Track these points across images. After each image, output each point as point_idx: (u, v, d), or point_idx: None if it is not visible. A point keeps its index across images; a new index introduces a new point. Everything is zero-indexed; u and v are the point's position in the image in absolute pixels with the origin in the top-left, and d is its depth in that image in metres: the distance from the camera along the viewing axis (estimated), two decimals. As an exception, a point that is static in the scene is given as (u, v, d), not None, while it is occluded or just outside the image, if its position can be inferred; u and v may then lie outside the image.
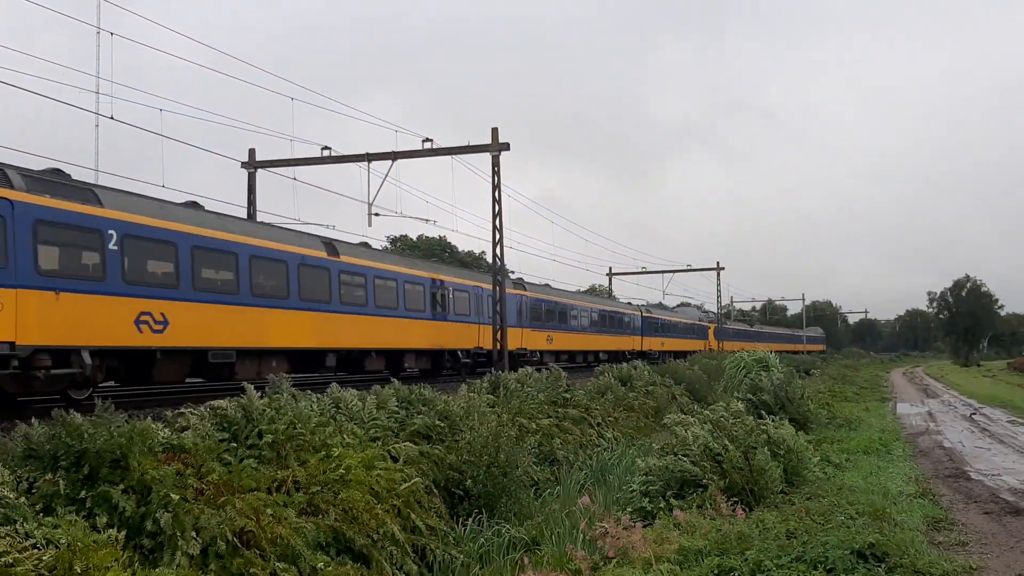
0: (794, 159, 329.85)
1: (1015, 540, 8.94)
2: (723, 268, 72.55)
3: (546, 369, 18.75)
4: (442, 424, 11.04)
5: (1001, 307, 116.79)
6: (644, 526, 8.35)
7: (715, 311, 77.67)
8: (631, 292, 65.12)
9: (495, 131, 29.65)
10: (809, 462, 12.20)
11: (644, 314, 54.36)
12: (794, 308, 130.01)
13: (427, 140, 30.19)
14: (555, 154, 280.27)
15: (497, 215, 30.01)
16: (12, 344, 12.81)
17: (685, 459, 10.27)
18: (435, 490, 9.69)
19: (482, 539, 9.13)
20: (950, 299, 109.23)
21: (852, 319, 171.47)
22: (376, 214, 30.24)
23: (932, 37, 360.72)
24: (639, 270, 69.95)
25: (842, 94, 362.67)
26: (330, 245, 22.70)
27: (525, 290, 36.08)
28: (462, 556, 8.51)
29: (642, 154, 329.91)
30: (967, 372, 68.88)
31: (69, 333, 13.97)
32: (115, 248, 15.01)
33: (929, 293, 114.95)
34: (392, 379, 13.39)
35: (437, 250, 71.86)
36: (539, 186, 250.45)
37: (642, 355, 47.06)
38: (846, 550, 7.03)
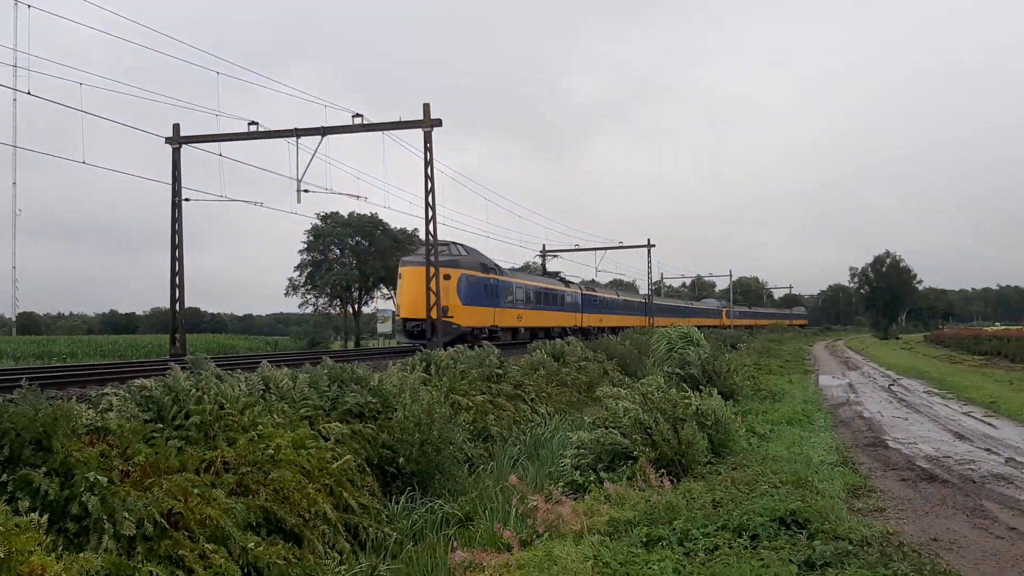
0: (713, 139, 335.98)
1: (930, 505, 9.33)
2: (654, 245, 73.46)
3: (488, 345, 18.88)
4: (375, 402, 10.98)
5: (920, 282, 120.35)
6: (575, 499, 8.47)
7: (647, 288, 78.62)
8: (564, 268, 65.43)
9: (427, 107, 29.41)
10: (735, 433, 12.50)
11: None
12: (722, 284, 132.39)
13: (357, 116, 29.82)
14: (474, 131, 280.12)
15: (430, 192, 29.82)
16: (459, 326, 32.40)
17: (616, 432, 10.43)
18: (368, 468, 9.66)
19: (415, 516, 9.15)
20: (871, 274, 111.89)
21: (777, 294, 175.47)
22: (305, 191, 29.82)
23: (849, 21, 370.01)
24: (572, 247, 70.40)
25: (761, 76, 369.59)
26: (564, 280, 53.46)
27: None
28: (395, 533, 8.52)
29: (563, 132, 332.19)
30: (886, 345, 71.21)
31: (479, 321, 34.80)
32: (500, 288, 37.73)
33: (851, 268, 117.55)
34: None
35: (368, 227, 71.14)
36: (459, 163, 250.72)
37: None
38: (769, 517, 7.25)
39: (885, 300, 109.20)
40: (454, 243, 35.84)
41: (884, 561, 6.10)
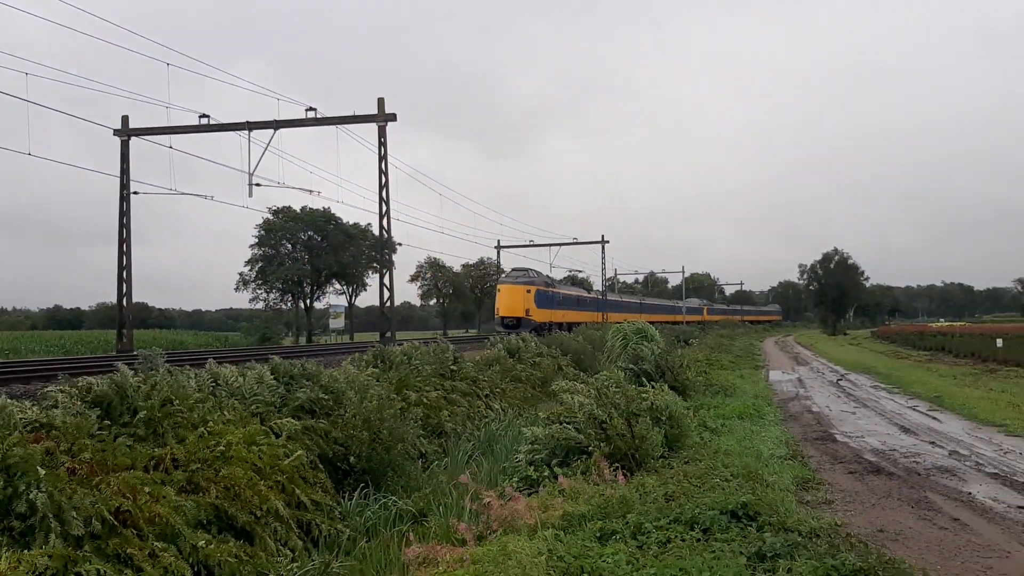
0: (657, 136, 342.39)
1: (876, 497, 9.52)
2: (607, 241, 74.04)
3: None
4: (327, 398, 10.88)
5: (867, 279, 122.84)
6: (530, 494, 8.49)
7: (600, 283, 79.36)
8: (518, 264, 65.77)
9: (381, 101, 29.22)
10: (688, 428, 12.62)
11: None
12: (675, 280, 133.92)
13: (310, 109, 29.57)
14: (425, 129, 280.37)
15: (384, 186, 29.65)
16: (535, 321, 48.42)
17: (570, 427, 10.47)
18: (320, 465, 9.56)
19: (369, 513, 9.08)
20: (819, 271, 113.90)
21: (728, 290, 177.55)
22: (257, 184, 29.52)
23: (786, 24, 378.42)
24: (527, 243, 70.66)
25: (698, 74, 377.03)
26: (588, 288, 79.70)
27: None
28: (348, 530, 8.45)
29: (512, 130, 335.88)
30: (835, 340, 72.54)
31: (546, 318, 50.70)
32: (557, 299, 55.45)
33: (800, 265, 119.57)
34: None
35: (321, 222, 70.46)
36: (411, 160, 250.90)
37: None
38: (720, 510, 7.34)
39: (833, 296, 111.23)
40: (529, 269, 55.74)
41: (832, 552, 6.20)
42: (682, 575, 5.71)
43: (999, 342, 38.53)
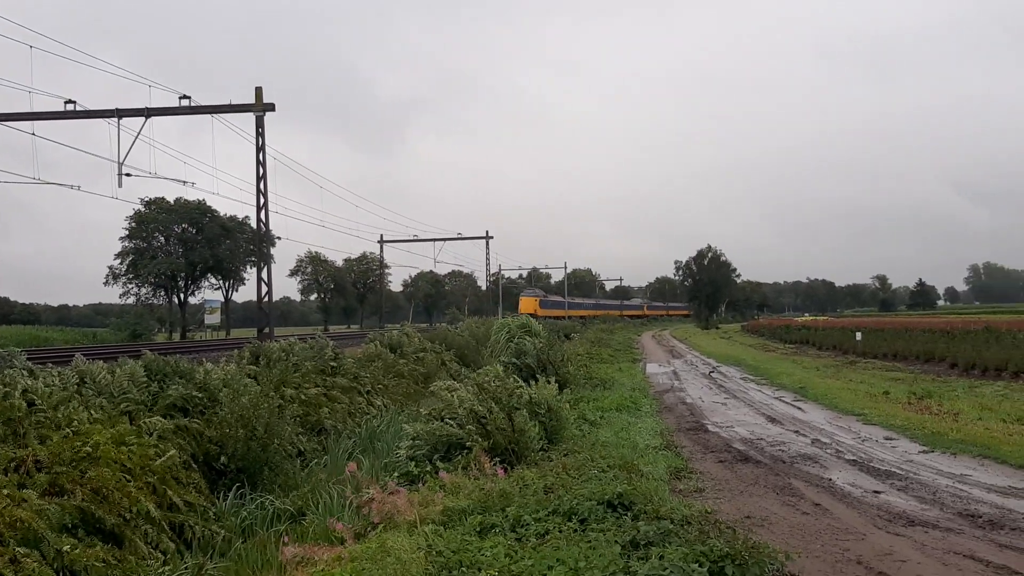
0: (531, 137, 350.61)
1: (744, 485, 9.95)
2: (492, 237, 74.49)
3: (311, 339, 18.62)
4: (200, 396, 10.58)
5: (738, 275, 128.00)
6: (411, 490, 8.48)
7: (484, 278, 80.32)
8: (401, 259, 65.64)
9: (259, 90, 28.50)
10: (567, 421, 12.86)
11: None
12: (557, 275, 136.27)
13: (184, 97, 28.53)
14: (297, 123, 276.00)
15: (262, 178, 28.94)
16: (538, 316, 60.90)
17: (451, 422, 10.51)
18: (194, 464, 9.30)
19: (245, 512, 8.89)
20: (694, 267, 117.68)
21: (609, 285, 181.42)
22: (127, 174, 28.28)
23: (651, 34, 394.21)
24: (411, 238, 70.27)
25: (560, 78, 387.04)
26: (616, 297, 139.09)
27: None
28: (223, 531, 8.25)
29: (386, 126, 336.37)
30: (708, 334, 75.01)
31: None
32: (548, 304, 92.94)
33: (676, 262, 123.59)
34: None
35: (196, 214, 68.19)
36: (286, 152, 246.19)
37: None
38: (597, 501, 7.52)
39: (707, 292, 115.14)
40: (536, 287, 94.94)
41: (702, 539, 6.44)
42: (559, 565, 5.83)
43: (858, 335, 40.76)
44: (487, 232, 74.15)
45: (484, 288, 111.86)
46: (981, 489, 9.46)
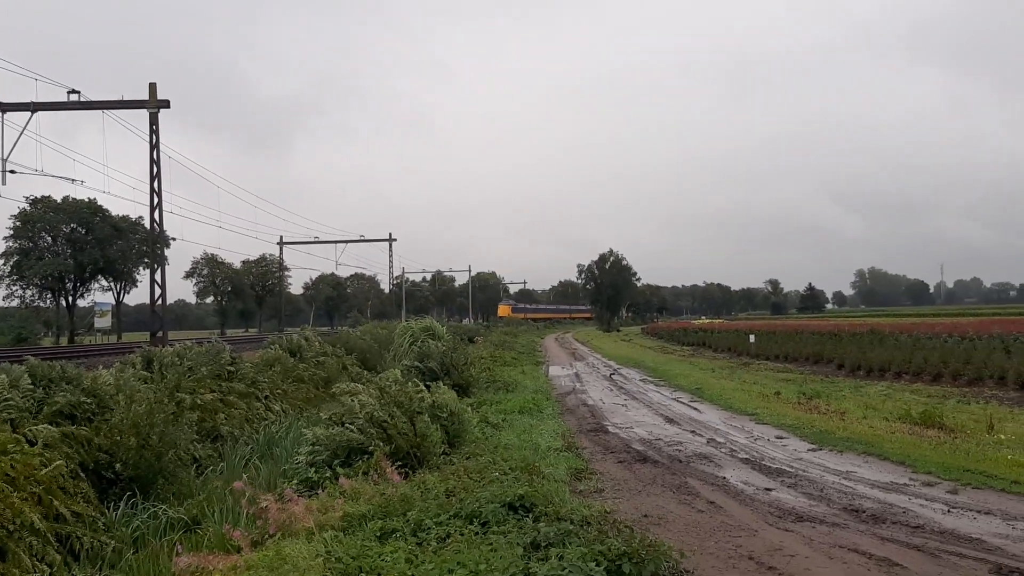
0: (418, 140, 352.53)
1: (643, 485, 10.16)
2: (395, 239, 74.31)
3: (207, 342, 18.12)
4: (89, 402, 10.17)
5: (639, 279, 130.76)
6: (310, 496, 8.35)
7: (388, 280, 79.46)
8: (301, 261, 64.45)
9: (153, 86, 27.65)
10: (469, 424, 12.88)
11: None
12: (461, 278, 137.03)
13: (74, 92, 27.45)
14: (177, 123, 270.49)
15: (156, 177, 28.04)
16: (512, 318, 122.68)
17: (351, 427, 10.40)
18: (83, 474, 8.93)
19: (137, 522, 8.59)
20: (596, 271, 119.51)
21: (513, 288, 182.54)
22: (11, 171, 27.02)
23: (533, 41, 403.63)
24: (312, 239, 69.27)
25: (437, 84, 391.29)
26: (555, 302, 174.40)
27: None
28: (113, 542, 7.95)
29: (268, 126, 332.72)
30: (609, 337, 76.29)
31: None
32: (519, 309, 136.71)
33: (579, 265, 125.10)
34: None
35: (86, 213, 65.56)
36: (175, 150, 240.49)
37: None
38: (499, 503, 7.56)
39: (609, 295, 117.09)
40: (514, 299, 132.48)
41: (600, 538, 6.55)
42: (460, 569, 5.84)
43: (752, 338, 42.13)
44: (390, 235, 74.08)
45: (388, 291, 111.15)
46: (865, 485, 9.91)
